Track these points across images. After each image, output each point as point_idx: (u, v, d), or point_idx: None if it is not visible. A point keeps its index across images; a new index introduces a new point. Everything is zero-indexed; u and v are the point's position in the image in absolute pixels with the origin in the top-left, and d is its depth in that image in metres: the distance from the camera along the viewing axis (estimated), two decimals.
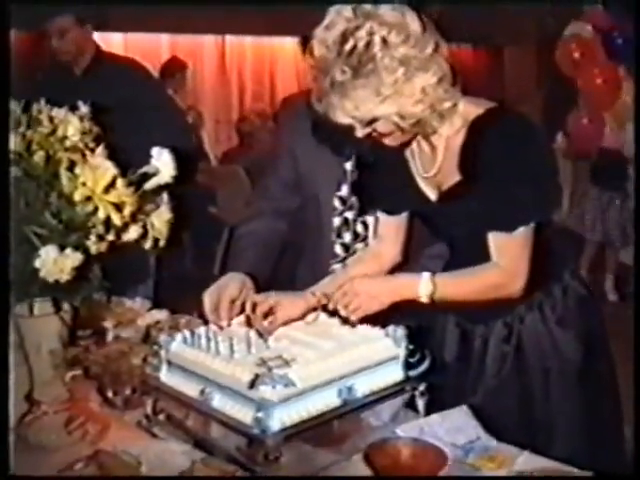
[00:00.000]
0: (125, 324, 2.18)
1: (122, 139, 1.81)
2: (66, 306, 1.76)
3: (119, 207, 1.64)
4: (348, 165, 2.26)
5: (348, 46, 1.63)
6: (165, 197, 1.79)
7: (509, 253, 1.80)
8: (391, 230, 2.07)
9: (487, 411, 1.73)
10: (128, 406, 1.84)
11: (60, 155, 1.67)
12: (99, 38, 3.77)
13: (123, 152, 1.70)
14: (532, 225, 1.79)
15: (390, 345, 1.73)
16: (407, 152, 1.93)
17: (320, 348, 1.70)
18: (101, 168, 1.63)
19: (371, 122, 1.71)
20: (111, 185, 1.63)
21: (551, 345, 1.94)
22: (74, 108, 1.75)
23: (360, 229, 2.31)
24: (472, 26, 8.82)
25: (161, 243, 1.78)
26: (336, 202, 2.29)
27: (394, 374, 1.72)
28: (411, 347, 1.73)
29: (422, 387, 1.73)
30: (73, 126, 1.70)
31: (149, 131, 3.02)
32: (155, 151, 1.76)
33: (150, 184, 1.75)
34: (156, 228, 1.75)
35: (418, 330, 1.78)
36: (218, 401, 1.61)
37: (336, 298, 1.83)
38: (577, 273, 2.10)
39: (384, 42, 1.62)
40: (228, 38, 8.94)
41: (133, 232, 1.71)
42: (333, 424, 1.62)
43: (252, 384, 1.53)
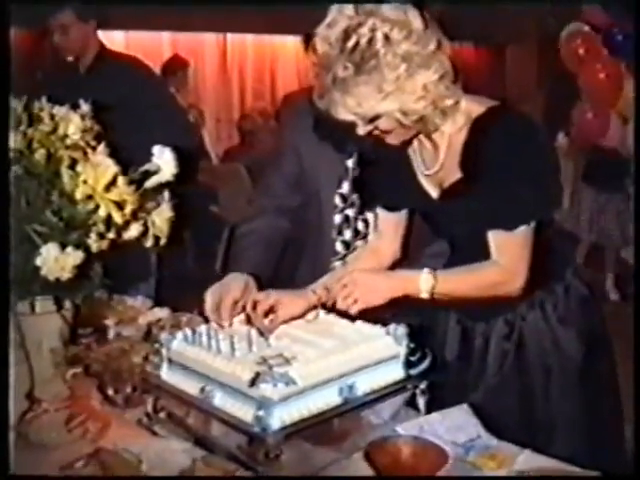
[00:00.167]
0: (126, 322, 2.18)
1: (124, 137, 1.81)
2: (67, 304, 1.76)
3: (120, 205, 1.64)
4: (349, 162, 2.26)
5: (350, 43, 1.63)
6: (166, 195, 1.78)
7: (509, 252, 1.80)
8: (390, 227, 2.07)
9: (487, 409, 1.73)
10: (129, 404, 1.84)
11: (61, 153, 1.67)
12: (101, 36, 3.77)
13: (125, 150, 1.70)
14: (533, 224, 1.79)
15: (391, 343, 1.73)
16: (409, 149, 1.93)
17: (321, 346, 1.70)
18: (102, 166, 1.63)
19: (373, 119, 1.71)
20: (112, 183, 1.63)
21: (552, 343, 1.94)
22: (75, 106, 1.75)
23: (361, 226, 2.31)
24: (473, 25, 8.82)
25: (162, 241, 1.78)
26: (337, 199, 2.29)
27: (395, 372, 1.72)
28: (412, 345, 1.73)
29: (423, 385, 1.74)
30: (74, 124, 1.70)
31: (151, 129, 3.02)
32: (156, 149, 1.76)
33: (151, 182, 1.75)
34: (157, 226, 1.75)
35: (419, 328, 1.78)
36: (219, 399, 1.61)
37: (335, 290, 1.82)
38: (579, 272, 2.10)
39: (386, 39, 1.62)
40: (229, 36, 8.94)
41: (134, 230, 1.71)
42: (334, 422, 1.62)
43: (253, 382, 1.53)
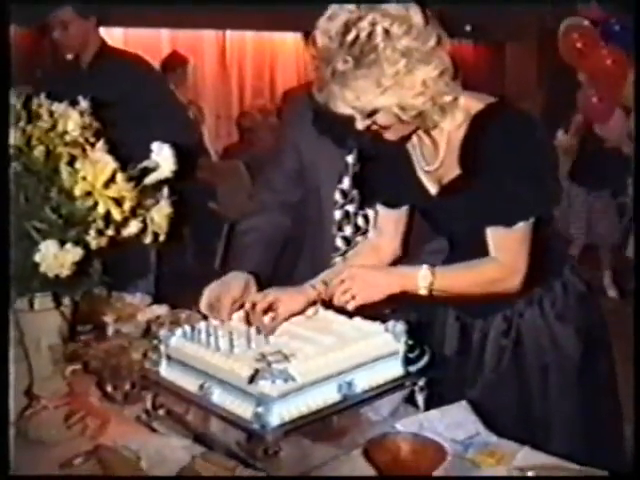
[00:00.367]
0: (125, 319, 2.18)
1: (123, 134, 1.81)
2: (66, 301, 1.76)
3: (119, 202, 1.64)
4: (350, 158, 2.26)
5: (350, 36, 1.63)
6: (165, 192, 1.78)
7: (508, 248, 1.80)
8: (390, 223, 2.07)
9: (485, 405, 1.73)
10: (128, 401, 1.85)
11: (60, 150, 1.67)
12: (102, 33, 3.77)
13: (124, 147, 1.70)
14: (531, 221, 1.79)
15: (390, 340, 1.73)
16: (409, 146, 1.93)
17: (320, 343, 1.70)
18: (101, 163, 1.63)
19: (371, 113, 1.71)
20: (111, 180, 1.63)
21: (550, 340, 1.94)
22: (74, 103, 1.75)
23: (361, 222, 2.31)
24: (473, 22, 8.83)
25: (161, 238, 1.78)
26: (337, 195, 2.29)
27: (394, 369, 1.72)
28: (411, 342, 1.73)
29: (422, 382, 1.74)
30: (73, 121, 1.70)
31: (151, 126, 3.02)
32: (155, 146, 1.76)
33: (150, 179, 1.75)
34: (156, 223, 1.75)
35: (418, 325, 1.78)
36: (218, 396, 1.61)
37: (334, 285, 1.81)
38: (577, 269, 2.10)
39: (386, 33, 1.63)
40: (229, 33, 8.94)
41: (133, 227, 1.70)
42: (332, 419, 1.62)
43: (252, 379, 1.53)
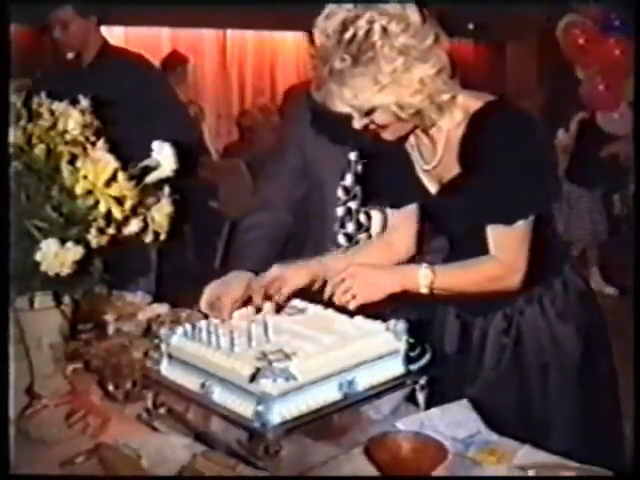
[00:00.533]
0: (126, 318, 2.18)
1: (124, 132, 1.81)
2: (67, 299, 1.76)
3: (120, 201, 1.64)
4: (352, 155, 2.26)
5: (348, 34, 1.63)
6: (166, 190, 1.78)
7: (508, 246, 1.80)
8: (401, 221, 2.06)
9: (485, 404, 1.73)
10: (129, 399, 1.84)
11: (61, 148, 1.67)
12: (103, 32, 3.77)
13: (125, 145, 1.70)
14: (531, 219, 1.79)
15: (391, 339, 1.72)
16: (408, 145, 1.93)
17: (321, 342, 1.70)
18: (102, 161, 1.63)
19: (369, 112, 1.71)
20: (112, 178, 1.63)
21: (550, 339, 1.94)
22: (75, 101, 1.75)
23: (363, 219, 2.31)
24: (473, 21, 8.83)
25: (162, 237, 1.78)
26: (340, 192, 2.30)
27: (395, 368, 1.72)
28: (411, 341, 1.73)
29: (422, 381, 1.73)
30: (74, 119, 1.70)
31: (152, 124, 3.02)
32: (156, 145, 1.76)
33: (151, 178, 1.76)
34: (157, 222, 1.75)
35: (418, 324, 1.78)
36: (219, 395, 1.61)
37: (334, 283, 1.81)
38: (577, 267, 2.10)
39: (384, 31, 1.63)
40: (229, 32, 8.94)
41: (134, 225, 1.71)
42: (333, 418, 1.62)
43: (253, 378, 1.53)
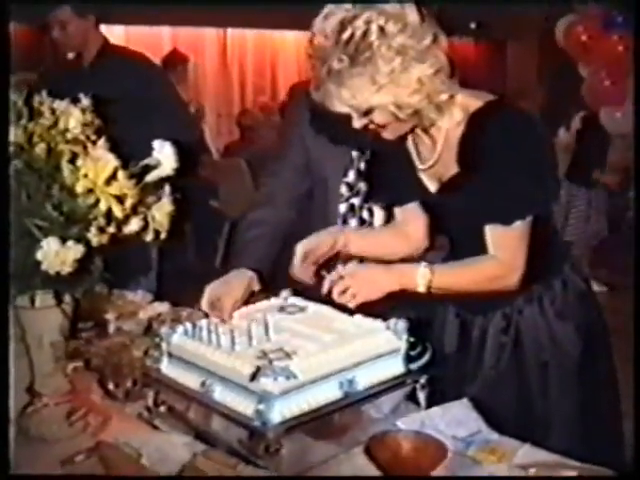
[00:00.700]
0: (126, 316, 2.18)
1: (125, 131, 1.81)
2: (67, 298, 1.76)
3: (121, 199, 1.64)
4: (355, 152, 2.26)
5: (346, 34, 1.63)
6: (167, 189, 1.78)
7: (506, 246, 1.80)
8: (409, 216, 2.06)
9: (485, 403, 1.73)
10: (129, 398, 1.85)
11: (61, 147, 1.67)
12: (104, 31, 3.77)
13: (125, 144, 1.70)
14: (529, 219, 1.79)
15: (391, 338, 1.73)
16: (409, 144, 1.93)
17: (321, 340, 1.70)
18: (103, 160, 1.63)
19: (368, 112, 1.71)
20: (112, 177, 1.63)
21: (549, 338, 1.94)
22: (76, 100, 1.75)
23: (366, 215, 2.31)
24: (473, 21, 8.83)
25: (162, 235, 1.78)
26: (343, 188, 2.30)
27: (395, 367, 1.72)
28: (412, 340, 1.73)
29: (423, 380, 1.74)
30: (74, 118, 1.70)
31: (153, 123, 3.02)
32: (157, 143, 1.76)
33: (151, 176, 1.75)
34: (157, 220, 1.75)
35: (419, 322, 1.78)
36: (219, 393, 1.61)
37: (333, 281, 1.81)
38: (577, 267, 2.10)
39: (381, 31, 1.63)
40: (230, 31, 8.94)
41: (134, 224, 1.70)
42: (334, 416, 1.62)
43: (253, 376, 1.53)
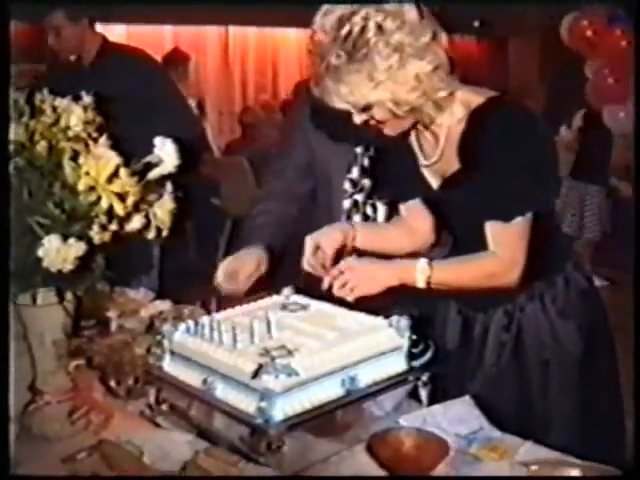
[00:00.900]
0: (128, 314, 2.18)
1: (126, 129, 1.81)
2: (69, 296, 1.76)
3: (122, 197, 1.64)
4: (359, 148, 2.27)
5: (344, 31, 1.64)
6: (168, 187, 1.78)
7: (506, 242, 1.80)
8: (414, 212, 2.07)
9: (486, 400, 1.73)
10: (131, 396, 1.85)
11: (63, 145, 1.67)
12: (102, 30, 3.77)
13: (127, 142, 1.70)
14: (529, 215, 1.79)
15: (393, 335, 1.72)
16: (412, 140, 1.93)
17: (323, 338, 1.70)
18: (104, 158, 1.63)
19: (366, 108, 1.71)
20: (114, 175, 1.63)
21: (551, 336, 1.94)
22: (77, 98, 1.75)
23: (369, 211, 2.32)
24: (475, 19, 8.82)
25: (164, 233, 1.78)
26: (346, 185, 2.31)
27: (397, 364, 1.72)
28: (414, 337, 1.73)
29: (425, 377, 1.73)
30: (76, 116, 1.70)
31: (154, 121, 3.02)
32: (158, 141, 1.76)
33: (153, 174, 1.75)
34: (159, 218, 1.75)
35: (421, 320, 1.78)
36: (221, 391, 1.61)
37: (333, 275, 1.83)
38: (580, 265, 2.09)
39: (379, 28, 1.63)
40: (231, 29, 8.94)
41: (136, 222, 1.70)
42: (336, 414, 1.62)
43: (255, 374, 1.53)
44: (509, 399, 1.95)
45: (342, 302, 1.85)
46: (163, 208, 1.76)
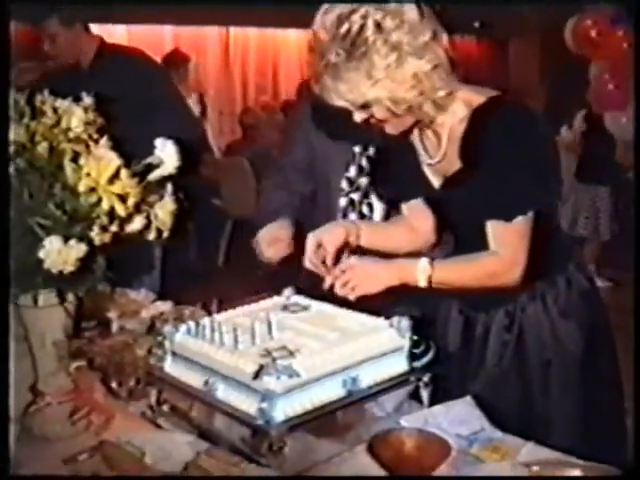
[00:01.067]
0: (129, 315, 2.18)
1: (127, 130, 1.81)
2: (70, 297, 1.76)
3: (123, 198, 1.64)
4: (357, 147, 2.27)
5: (343, 29, 1.65)
6: (169, 188, 1.78)
7: (507, 242, 1.80)
8: (416, 211, 2.07)
9: (487, 401, 1.73)
10: (132, 397, 1.85)
11: (64, 146, 1.67)
12: (101, 30, 3.77)
13: (128, 143, 1.70)
14: (530, 215, 1.79)
15: (395, 336, 1.72)
16: (414, 139, 1.93)
17: (324, 339, 1.70)
18: (105, 159, 1.63)
19: (365, 106, 1.72)
20: (115, 176, 1.63)
21: (552, 336, 1.94)
22: (78, 99, 1.75)
23: (366, 210, 2.32)
24: (476, 19, 8.82)
25: (164, 234, 1.78)
26: (344, 183, 2.31)
27: (398, 365, 1.71)
28: (415, 338, 1.73)
29: (426, 378, 1.73)
30: (77, 117, 1.70)
31: (156, 122, 3.02)
32: (159, 142, 1.76)
33: (154, 175, 1.75)
34: (160, 219, 1.75)
35: (422, 320, 1.78)
36: (222, 392, 1.61)
37: (335, 275, 1.84)
38: (582, 265, 2.09)
39: (378, 26, 1.64)
40: (232, 30, 8.94)
41: (137, 223, 1.70)
42: (337, 415, 1.62)
43: (256, 375, 1.53)
44: (510, 400, 1.95)
45: (343, 303, 1.85)
46: (164, 209, 1.76)
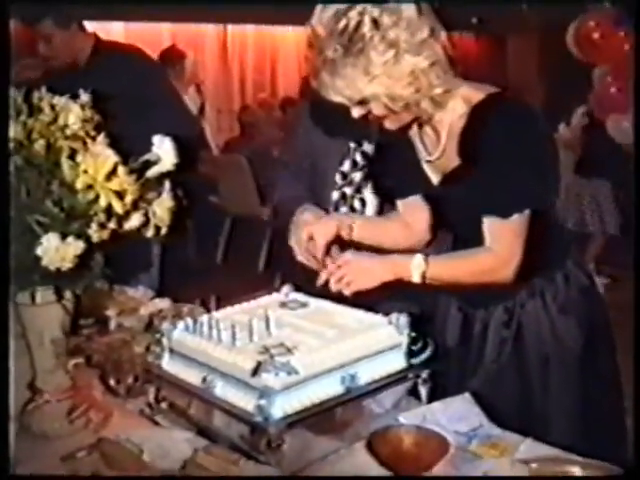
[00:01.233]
0: (128, 313, 2.17)
1: (124, 127, 1.80)
2: (68, 294, 1.76)
3: (121, 195, 1.63)
4: (352, 143, 2.27)
5: (340, 25, 1.65)
6: (167, 185, 1.78)
7: (502, 239, 1.80)
8: (412, 208, 2.06)
9: (486, 397, 1.73)
10: (130, 394, 1.84)
11: (61, 143, 1.67)
12: (99, 28, 3.76)
13: (125, 140, 1.70)
14: (527, 212, 1.79)
15: (393, 333, 1.72)
16: (413, 135, 1.93)
17: (323, 336, 1.70)
18: (102, 156, 1.63)
19: (362, 102, 1.72)
20: (113, 173, 1.63)
21: (551, 333, 1.94)
22: (75, 96, 1.75)
23: (357, 205, 2.31)
24: (475, 16, 8.82)
25: (163, 231, 1.78)
26: (337, 177, 2.31)
27: (397, 362, 1.71)
28: (414, 335, 1.73)
29: (425, 375, 1.73)
30: (74, 114, 1.70)
31: (152, 118, 3.01)
32: (156, 139, 1.76)
33: (152, 172, 1.75)
34: (158, 216, 1.74)
35: (420, 317, 1.78)
36: (220, 389, 1.61)
37: (330, 270, 1.84)
38: (581, 262, 2.09)
39: (374, 23, 1.64)
40: (230, 27, 8.94)
41: (135, 220, 1.70)
42: (335, 412, 1.62)
43: (254, 372, 1.53)
44: (509, 396, 1.95)
45: (341, 299, 1.85)
46: (162, 206, 1.76)
